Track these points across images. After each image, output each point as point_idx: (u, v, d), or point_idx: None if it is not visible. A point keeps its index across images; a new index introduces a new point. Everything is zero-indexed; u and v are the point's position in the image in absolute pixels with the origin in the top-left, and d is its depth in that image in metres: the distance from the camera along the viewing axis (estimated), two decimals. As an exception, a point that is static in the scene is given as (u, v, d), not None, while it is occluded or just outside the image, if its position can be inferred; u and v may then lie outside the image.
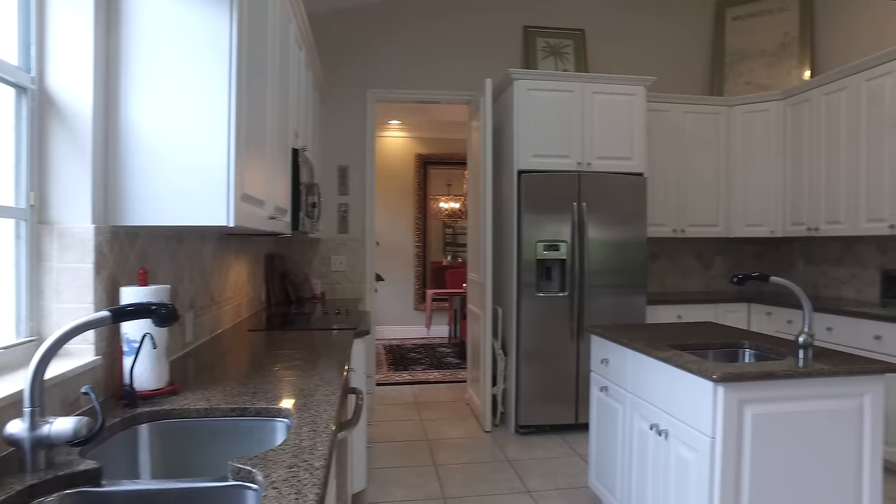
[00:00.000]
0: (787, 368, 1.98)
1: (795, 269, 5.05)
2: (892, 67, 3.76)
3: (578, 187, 4.15)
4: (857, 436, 2.05)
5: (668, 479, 2.24)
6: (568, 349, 4.15)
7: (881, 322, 3.52)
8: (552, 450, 3.86)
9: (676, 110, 4.83)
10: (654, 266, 5.20)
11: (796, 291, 2.18)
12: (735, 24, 5.25)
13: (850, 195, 4.07)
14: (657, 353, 2.27)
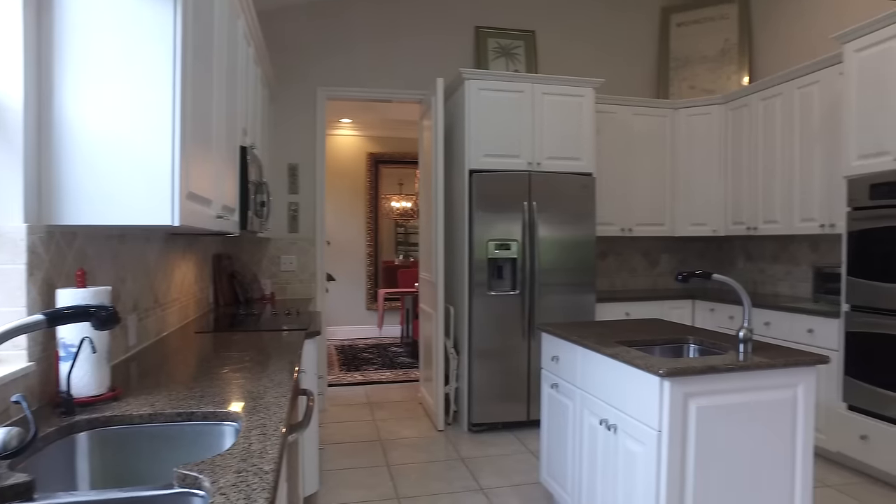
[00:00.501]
0: (728, 362, 2.05)
1: (736, 266, 5.25)
2: (821, 77, 3.95)
3: (529, 187, 4.20)
4: (792, 424, 2.15)
5: (617, 473, 2.29)
6: (519, 347, 4.20)
7: (813, 316, 3.70)
8: (505, 447, 3.89)
9: (624, 112, 4.95)
10: (603, 264, 5.31)
11: (737, 288, 2.26)
12: (679, 30, 5.42)
13: (785, 196, 4.25)
14: (606, 350, 2.32)
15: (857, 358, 3.39)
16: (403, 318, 8.08)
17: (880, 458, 3.25)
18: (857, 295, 3.41)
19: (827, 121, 3.91)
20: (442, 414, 4.25)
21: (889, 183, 3.23)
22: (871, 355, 3.31)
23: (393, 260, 8.74)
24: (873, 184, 3.32)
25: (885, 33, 3.30)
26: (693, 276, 2.30)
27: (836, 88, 3.81)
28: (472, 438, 4.07)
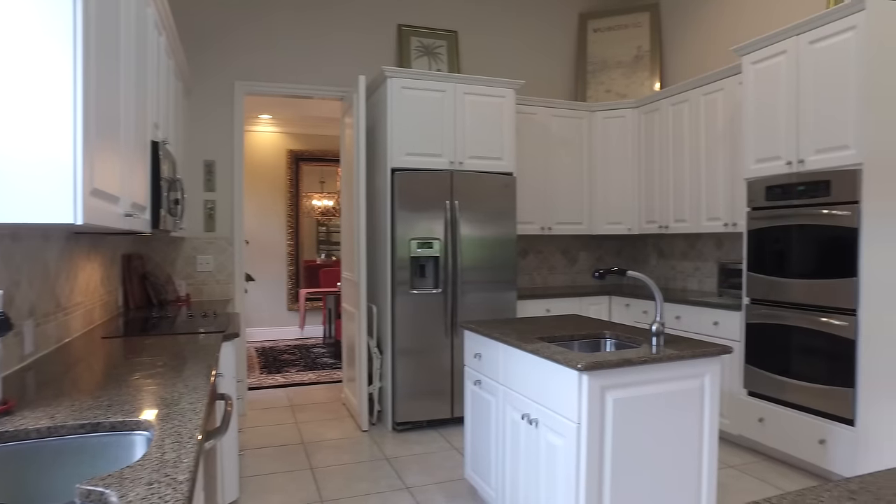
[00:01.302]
0: (642, 355, 2.15)
1: (649, 263, 5.50)
2: (724, 85, 4.21)
3: (451, 186, 4.24)
4: (699, 411, 2.28)
5: (539, 466, 2.35)
6: (442, 345, 4.23)
7: (718, 309, 3.93)
8: (429, 445, 3.91)
9: (544, 113, 5.08)
10: (524, 262, 5.43)
11: (650, 284, 2.37)
12: (596, 36, 5.61)
13: (693, 197, 4.50)
14: (526, 346, 2.37)
15: (756, 347, 3.64)
16: (326, 319, 7.96)
17: (775, 438, 3.50)
18: (756, 289, 3.66)
19: (729, 126, 4.17)
20: (366, 414, 4.22)
21: (782, 185, 3.48)
22: (767, 344, 3.56)
23: (314, 259, 8.58)
24: (768, 186, 3.57)
25: (774, 49, 3.55)
26: (609, 273, 2.40)
27: (737, 97, 4.06)
28: (397, 437, 4.06)
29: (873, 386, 2.96)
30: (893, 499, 0.94)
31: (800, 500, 0.94)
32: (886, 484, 1.00)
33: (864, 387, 3.00)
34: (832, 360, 3.18)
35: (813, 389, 3.29)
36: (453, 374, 4.25)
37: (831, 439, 3.19)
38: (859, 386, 3.03)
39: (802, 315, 3.35)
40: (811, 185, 3.31)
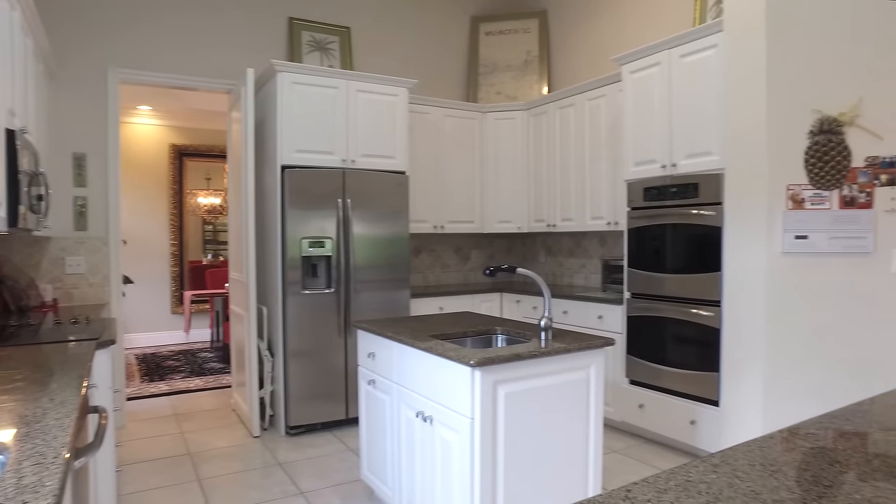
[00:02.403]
0: (532, 350, 2.23)
1: (538, 260, 5.72)
2: (606, 91, 4.45)
3: (343, 184, 4.18)
4: (585, 401, 2.40)
5: (435, 462, 2.37)
6: (336, 345, 4.17)
7: (602, 304, 4.16)
8: (324, 447, 3.84)
9: (437, 113, 5.13)
10: (417, 260, 5.47)
11: (538, 281, 2.46)
12: (487, 39, 5.75)
13: (578, 197, 4.73)
14: (420, 344, 2.39)
15: (636, 338, 3.89)
16: (213, 322, 7.60)
17: (654, 422, 3.76)
18: (635, 284, 3.90)
19: (611, 131, 4.42)
20: (257, 419, 4.07)
21: (657, 187, 3.74)
22: (646, 335, 3.81)
23: (201, 260, 8.17)
24: (646, 187, 3.83)
25: (650, 60, 3.81)
26: (500, 270, 2.46)
27: (618, 103, 4.32)
28: (291, 442, 3.95)
29: (734, 369, 3.25)
30: (747, 468, 1.04)
31: (672, 477, 1.01)
32: (742, 456, 1.10)
33: (726, 371, 3.29)
34: (701, 347, 3.47)
35: (685, 375, 3.57)
36: (347, 375, 4.20)
37: (700, 420, 3.47)
38: (723, 370, 3.32)
39: (676, 307, 3.62)
40: (682, 187, 3.58)
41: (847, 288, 2.92)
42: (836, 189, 2.93)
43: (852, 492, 0.96)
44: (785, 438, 1.22)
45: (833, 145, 2.91)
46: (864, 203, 2.88)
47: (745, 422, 3.20)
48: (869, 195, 2.88)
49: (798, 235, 2.99)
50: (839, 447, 1.17)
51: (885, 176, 2.85)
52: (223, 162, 8.14)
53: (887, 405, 1.47)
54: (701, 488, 0.97)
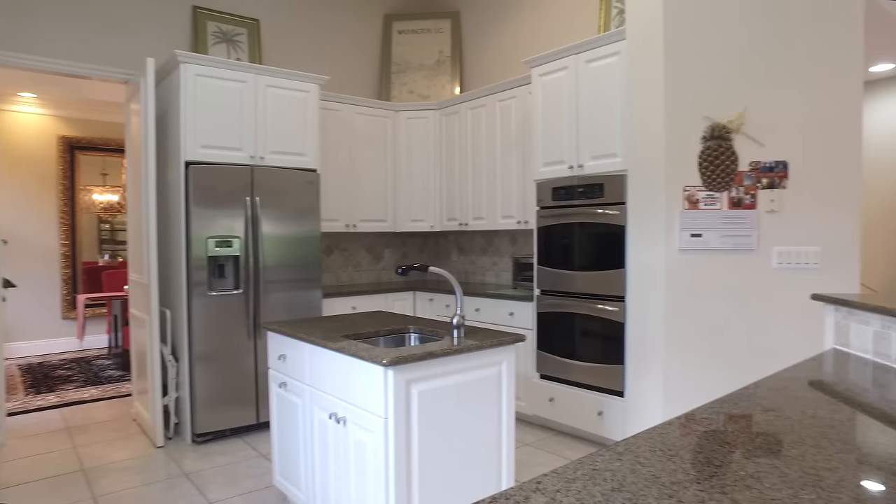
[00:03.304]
0: (444, 348, 2.25)
1: (451, 258, 5.78)
2: (517, 93, 4.56)
3: (252, 181, 4.05)
4: (498, 396, 2.45)
5: (349, 464, 2.35)
6: (245, 348, 4.03)
7: (513, 301, 4.26)
8: (234, 454, 3.70)
9: (349, 111, 5.07)
10: (329, 260, 5.38)
11: (450, 279, 2.49)
12: (400, 37, 5.74)
13: (490, 196, 4.81)
14: (332, 345, 2.35)
15: (546, 334, 4.01)
16: (111, 326, 7.14)
17: (564, 414, 3.90)
18: (545, 281, 4.03)
19: (521, 131, 4.53)
20: (161, 428, 3.87)
21: (565, 187, 3.88)
22: (555, 331, 3.94)
23: (96, 261, 7.65)
24: (554, 187, 3.95)
25: (558, 64, 3.94)
26: (412, 269, 2.47)
27: (528, 105, 4.43)
28: (198, 450, 3.78)
29: (637, 361, 3.42)
30: (648, 454, 1.10)
31: (580, 467, 1.05)
32: (643, 443, 1.16)
33: (630, 363, 3.46)
34: (607, 341, 3.62)
35: (593, 368, 3.72)
36: (258, 378, 4.07)
37: (607, 410, 3.63)
38: (627, 362, 3.49)
39: (583, 303, 3.76)
40: (589, 187, 3.73)
41: (735, 282, 3.15)
42: (726, 191, 3.15)
43: (738, 469, 1.04)
44: (682, 424, 1.29)
45: (723, 150, 3.12)
46: (749, 204, 3.12)
47: (647, 410, 3.37)
48: (753, 197, 3.11)
49: (693, 234, 3.19)
50: (728, 429, 1.26)
51: (766, 179, 3.10)
52: (121, 156, 7.67)
53: (768, 388, 1.59)
54: (606, 476, 1.02)
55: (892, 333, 1.92)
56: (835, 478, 1.01)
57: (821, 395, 1.55)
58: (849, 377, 1.77)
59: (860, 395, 1.56)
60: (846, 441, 1.20)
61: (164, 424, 3.97)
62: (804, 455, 1.12)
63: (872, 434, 1.25)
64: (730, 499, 0.93)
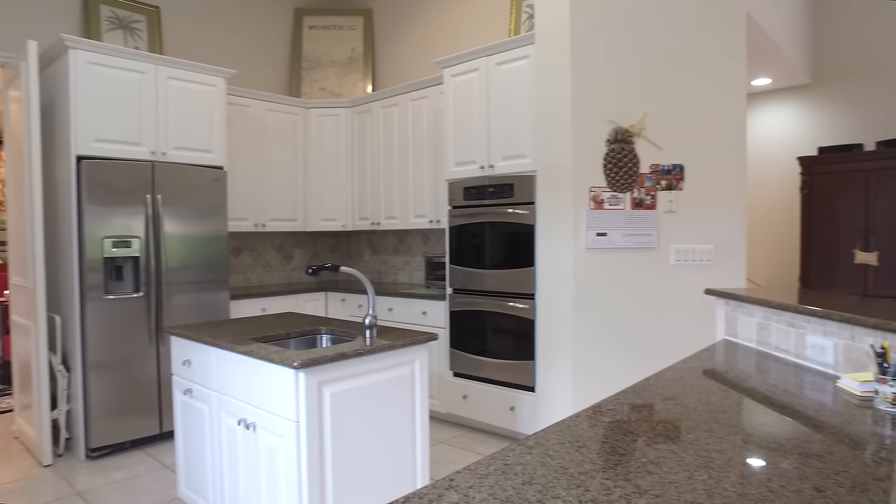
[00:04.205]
0: (356, 348, 2.22)
1: (363, 258, 5.72)
2: (429, 93, 4.59)
3: (153, 178, 3.83)
4: (411, 395, 2.46)
5: (259, 470, 2.27)
6: (147, 354, 3.81)
7: (426, 300, 4.28)
8: (134, 468, 3.49)
9: (258, 107, 4.91)
10: (237, 260, 5.19)
11: (362, 279, 2.46)
12: (311, 33, 5.62)
13: (402, 195, 4.81)
14: (240, 348, 2.27)
15: (458, 332, 4.06)
16: (-10, 335, 6.53)
17: (477, 411, 3.96)
18: (457, 279, 4.07)
19: (433, 131, 4.56)
20: (49, 445, 3.58)
21: (476, 187, 3.94)
22: (468, 329, 3.99)
23: (-28, 263, 6.97)
24: (466, 187, 4.01)
25: (469, 65, 4.00)
26: (323, 269, 2.42)
27: (440, 105, 4.46)
28: (93, 466, 3.53)
29: (547, 357, 3.53)
30: (557, 446, 1.13)
31: (492, 462, 1.07)
32: (553, 436, 1.20)
33: (541, 359, 3.57)
34: (518, 338, 3.71)
35: (504, 365, 3.80)
36: (161, 385, 3.86)
37: (519, 405, 3.72)
38: (538, 358, 3.59)
39: (495, 301, 3.84)
40: (499, 187, 3.81)
41: (638, 279, 3.31)
42: (629, 192, 3.30)
43: (641, 456, 1.09)
44: (589, 416, 1.35)
45: (626, 153, 3.28)
46: (650, 205, 3.29)
47: (557, 404, 3.49)
48: (653, 198, 3.29)
49: (599, 233, 3.32)
50: (632, 419, 1.32)
51: (665, 181, 3.28)
52: None
53: (667, 378, 1.69)
54: (518, 470, 1.04)
55: (772, 324, 2.09)
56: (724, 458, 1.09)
57: (713, 383, 1.66)
58: (737, 365, 1.91)
59: (746, 382, 1.68)
60: (734, 424, 1.29)
61: (53, 440, 3.68)
62: (698, 439, 1.19)
63: (756, 416, 1.35)
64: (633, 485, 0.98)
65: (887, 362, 1.44)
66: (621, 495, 0.93)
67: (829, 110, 5.08)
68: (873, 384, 1.48)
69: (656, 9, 3.26)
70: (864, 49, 4.87)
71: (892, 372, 1.40)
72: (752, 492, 0.95)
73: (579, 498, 0.93)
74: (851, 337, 1.73)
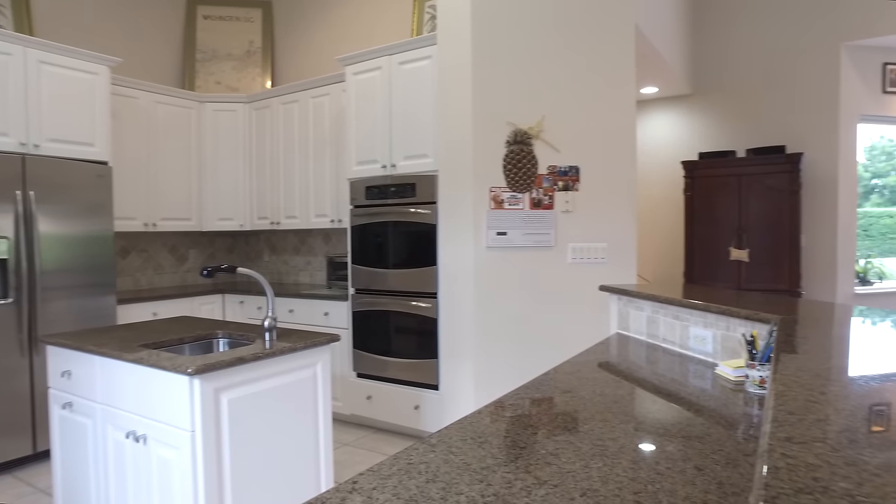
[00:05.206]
0: (255, 352, 2.15)
1: (263, 259, 5.54)
2: (330, 90, 4.51)
3: (23, 173, 3.51)
4: (314, 398, 2.41)
5: (151, 485, 2.14)
6: (17, 367, 3.48)
7: (328, 301, 4.21)
8: (3, 495, 3.18)
9: (147, 99, 4.61)
10: (125, 262, 4.86)
11: (260, 280, 2.38)
12: (206, 23, 5.35)
13: (303, 194, 4.70)
14: (129, 356, 2.13)
15: (362, 333, 4.02)
16: None
17: (382, 411, 3.94)
18: (359, 279, 4.03)
19: (335, 130, 4.49)
20: None
21: (378, 186, 3.92)
22: (371, 329, 3.96)
23: None
24: (368, 186, 3.97)
25: (372, 64, 3.97)
26: (219, 270, 2.32)
27: (342, 102, 4.40)
28: (-49, 491, 3.19)
29: (450, 355, 3.57)
30: (460, 443, 1.15)
31: (395, 462, 1.07)
32: (455, 433, 1.22)
33: (444, 356, 3.60)
34: (422, 337, 3.73)
35: (408, 364, 3.80)
36: (34, 401, 3.54)
37: (423, 404, 3.74)
38: (441, 356, 3.62)
39: (398, 301, 3.83)
40: (401, 186, 3.81)
41: (537, 277, 3.43)
42: (528, 192, 3.41)
43: (540, 448, 1.13)
44: (491, 412, 1.37)
45: (524, 154, 3.38)
46: (548, 205, 3.41)
47: (461, 401, 3.53)
48: (551, 198, 3.41)
49: (499, 232, 3.40)
50: (532, 413, 1.36)
51: (562, 182, 3.41)
52: None
53: (565, 372, 1.76)
54: (421, 468, 1.04)
55: (660, 317, 2.23)
56: (617, 446, 1.15)
57: (608, 374, 1.75)
58: (629, 357, 2.02)
59: (637, 372, 1.78)
60: (626, 413, 1.36)
61: None
62: (594, 429, 1.25)
63: (646, 405, 1.44)
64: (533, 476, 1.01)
65: (756, 349, 1.57)
66: (522, 487, 0.96)
67: (708, 119, 5.49)
68: (744, 369, 1.61)
69: (554, 18, 3.39)
70: (736, 65, 5.30)
71: (760, 357, 1.54)
72: (642, 475, 1.00)
73: (482, 492, 0.94)
74: (727, 327, 1.88)
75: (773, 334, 1.54)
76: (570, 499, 0.92)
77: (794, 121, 5.09)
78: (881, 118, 5.23)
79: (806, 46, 5.02)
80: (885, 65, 5.11)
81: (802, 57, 5.03)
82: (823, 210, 4.98)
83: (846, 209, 4.99)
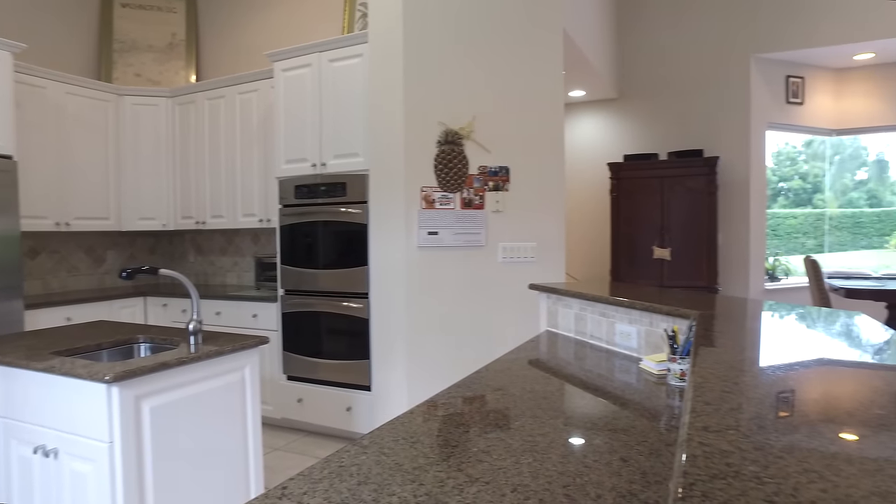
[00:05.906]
0: (179, 356, 2.06)
1: (187, 259, 5.33)
2: (258, 86, 4.39)
3: (-80, 169, 3.24)
4: (242, 403, 2.34)
5: (63, 503, 2.01)
6: (-88, 378, 3.20)
7: (256, 302, 4.10)
8: None
9: (57, 89, 4.34)
10: (34, 264, 4.56)
11: (184, 282, 2.29)
12: (124, 12, 5.09)
13: (230, 192, 4.55)
14: (37, 364, 2.00)
15: (292, 335, 3.93)
16: None
17: (313, 414, 3.87)
18: (289, 280, 3.94)
19: (263, 127, 4.37)
20: None
21: (308, 185, 3.85)
22: (301, 331, 3.89)
23: None
24: (297, 185, 3.89)
25: (301, 61, 3.89)
26: (139, 272, 2.21)
27: (270, 99, 4.29)
28: None
29: (382, 355, 3.55)
30: (392, 444, 1.14)
31: (326, 465, 1.05)
32: (387, 434, 1.21)
33: (376, 357, 3.58)
34: (353, 338, 3.69)
35: (340, 366, 3.75)
36: (-69, 414, 3.27)
37: (356, 405, 3.70)
38: (373, 357, 3.60)
39: (328, 301, 3.78)
40: (331, 185, 3.75)
41: (468, 276, 3.45)
42: (459, 192, 3.43)
43: (472, 446, 1.14)
44: (424, 411, 1.37)
45: (455, 154, 3.40)
46: (479, 205, 3.45)
47: (393, 401, 3.52)
48: (481, 198, 3.45)
49: (430, 231, 3.41)
50: (464, 411, 1.37)
51: (492, 182, 3.46)
52: None
53: (496, 370, 1.78)
54: (353, 471, 1.03)
55: (588, 314, 2.29)
56: (547, 441, 1.17)
57: (537, 371, 1.78)
58: (558, 354, 2.07)
59: (565, 368, 1.83)
60: (555, 409, 1.39)
61: None
62: (524, 426, 1.27)
63: (574, 400, 1.48)
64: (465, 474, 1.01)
65: (677, 343, 1.64)
66: (454, 486, 0.97)
67: (632, 122, 5.70)
68: (666, 363, 1.68)
69: (486, 21, 3.43)
70: (658, 71, 5.54)
71: (680, 351, 1.61)
72: (570, 469, 1.03)
73: (414, 492, 0.94)
74: (650, 323, 1.96)
75: (692, 329, 1.61)
76: (501, 495, 0.94)
77: (710, 126, 5.37)
78: (786, 126, 5.60)
79: (721, 56, 5.30)
80: (787, 77, 5.47)
81: (718, 66, 5.31)
82: (737, 211, 5.28)
83: (757, 210, 5.31)
